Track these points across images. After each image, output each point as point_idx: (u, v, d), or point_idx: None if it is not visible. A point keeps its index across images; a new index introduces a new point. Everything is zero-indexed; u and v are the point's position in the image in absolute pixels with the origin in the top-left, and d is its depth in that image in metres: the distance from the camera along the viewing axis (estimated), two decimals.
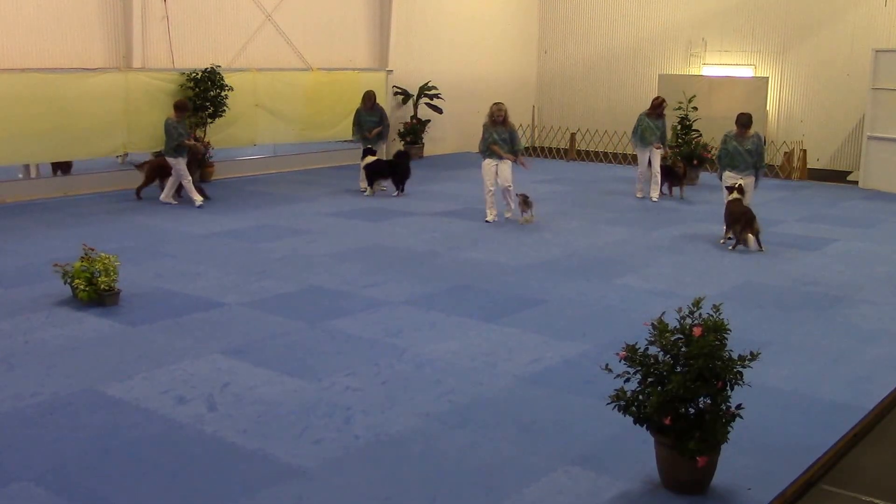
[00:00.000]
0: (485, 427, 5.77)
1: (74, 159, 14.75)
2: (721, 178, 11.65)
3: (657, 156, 14.71)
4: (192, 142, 13.98)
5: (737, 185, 11.11)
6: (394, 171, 14.92)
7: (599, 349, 7.11)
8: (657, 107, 14.71)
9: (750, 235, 10.87)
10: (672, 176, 15.25)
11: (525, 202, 12.54)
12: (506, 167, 12.55)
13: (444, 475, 5.12)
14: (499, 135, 12.55)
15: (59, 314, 8.07)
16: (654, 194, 14.85)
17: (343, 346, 7.33)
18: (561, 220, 12.97)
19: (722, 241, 11.31)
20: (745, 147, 11.33)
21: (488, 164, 12.62)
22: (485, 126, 12.69)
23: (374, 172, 14.90)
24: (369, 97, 15.15)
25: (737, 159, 11.39)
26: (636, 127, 14.84)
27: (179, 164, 13.49)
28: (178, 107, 13.71)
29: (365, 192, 14.91)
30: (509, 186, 12.63)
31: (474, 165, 13.92)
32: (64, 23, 14.41)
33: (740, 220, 10.89)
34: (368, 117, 15.12)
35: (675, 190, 15.33)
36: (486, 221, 12.62)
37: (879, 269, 10.27)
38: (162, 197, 13.72)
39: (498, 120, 12.55)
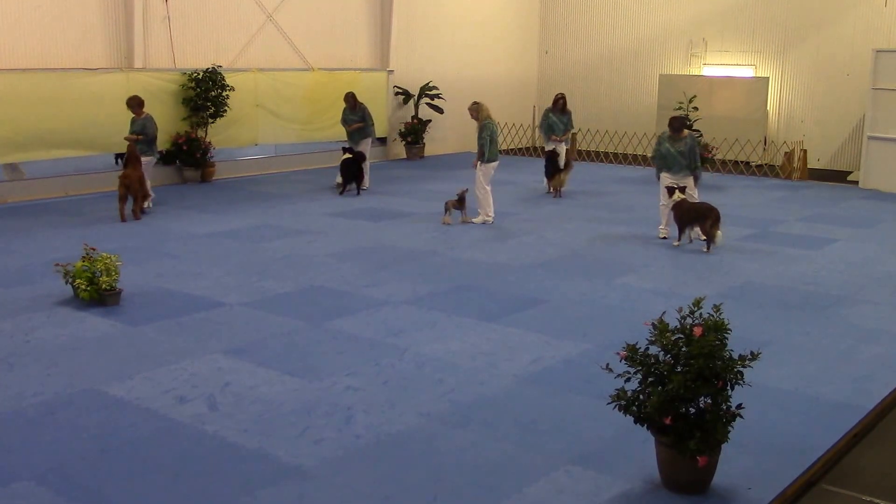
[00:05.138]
0: (485, 426, 5.78)
1: (76, 156, 14.77)
2: (658, 179, 11.67)
3: (563, 148, 15.37)
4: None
5: (677, 187, 11.10)
6: (345, 170, 14.96)
7: (600, 349, 7.12)
8: (557, 102, 15.52)
9: (719, 232, 10.83)
10: (552, 166, 15.09)
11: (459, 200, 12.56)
12: (477, 170, 12.65)
13: (445, 475, 5.13)
14: (477, 133, 12.64)
15: (61, 314, 8.08)
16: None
17: (344, 345, 7.34)
18: (561, 221, 12.98)
19: (676, 243, 11.28)
20: (678, 149, 11.33)
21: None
22: None
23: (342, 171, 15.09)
24: (349, 98, 15.39)
25: (670, 161, 11.41)
26: (542, 122, 15.68)
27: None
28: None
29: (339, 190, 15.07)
30: (480, 188, 12.63)
31: None
32: (65, 23, 14.43)
33: (709, 217, 10.84)
34: (351, 116, 15.35)
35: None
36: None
37: (879, 269, 10.27)
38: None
39: (473, 118, 12.66)
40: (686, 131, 11.62)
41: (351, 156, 14.94)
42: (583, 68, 22.75)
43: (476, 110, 12.58)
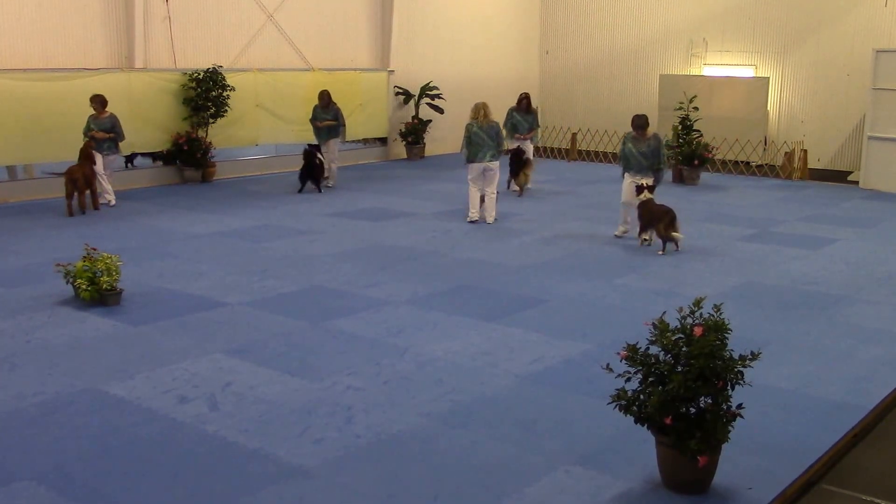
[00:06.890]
0: (486, 426, 5.78)
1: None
2: (622, 177, 11.62)
3: (529, 147, 15.53)
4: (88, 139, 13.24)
5: (645, 185, 11.03)
6: (304, 170, 15.07)
7: (600, 349, 7.13)
8: (521, 101, 15.70)
9: (675, 234, 10.77)
10: (516, 164, 15.13)
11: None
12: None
13: (446, 474, 5.13)
14: None
15: (61, 314, 8.08)
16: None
17: (344, 345, 7.34)
18: (561, 220, 12.99)
19: (640, 242, 11.27)
20: (640, 150, 11.27)
21: None
22: None
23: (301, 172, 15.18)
24: (323, 96, 15.46)
25: (631, 161, 11.38)
26: (506, 121, 15.68)
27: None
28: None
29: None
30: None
31: None
32: (66, 23, 14.43)
33: (663, 219, 10.75)
34: (324, 115, 15.44)
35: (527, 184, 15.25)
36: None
37: (879, 269, 10.28)
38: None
39: None
40: (651, 131, 11.49)
41: (309, 156, 15.04)
42: (583, 68, 22.75)
43: (471, 110, 12.61)
